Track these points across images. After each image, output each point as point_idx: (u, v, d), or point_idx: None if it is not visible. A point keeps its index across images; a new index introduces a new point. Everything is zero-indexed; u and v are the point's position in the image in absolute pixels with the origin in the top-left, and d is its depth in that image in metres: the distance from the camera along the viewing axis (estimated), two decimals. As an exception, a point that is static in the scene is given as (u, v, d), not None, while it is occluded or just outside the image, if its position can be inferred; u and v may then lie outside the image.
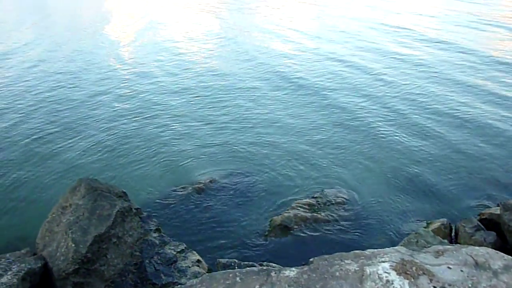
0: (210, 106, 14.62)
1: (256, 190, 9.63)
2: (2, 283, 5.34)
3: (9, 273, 5.52)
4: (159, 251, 6.66)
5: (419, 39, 23.51)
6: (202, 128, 12.86)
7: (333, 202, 8.97)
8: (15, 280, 5.40)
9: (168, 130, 12.74)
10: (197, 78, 17.84)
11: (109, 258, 6.13)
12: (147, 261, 6.40)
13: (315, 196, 9.25)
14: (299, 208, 8.68)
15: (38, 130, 13.10)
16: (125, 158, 11.19)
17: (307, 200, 9.04)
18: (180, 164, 10.81)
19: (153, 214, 8.13)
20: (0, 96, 16.60)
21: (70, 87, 17.33)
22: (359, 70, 18.27)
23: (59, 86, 17.56)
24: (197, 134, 12.47)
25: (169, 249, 6.73)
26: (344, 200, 9.09)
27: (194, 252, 6.80)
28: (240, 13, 34.55)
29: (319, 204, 8.90)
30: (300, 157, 10.97)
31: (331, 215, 8.57)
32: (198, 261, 6.61)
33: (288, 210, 8.63)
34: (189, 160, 10.99)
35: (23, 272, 5.60)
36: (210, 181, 9.77)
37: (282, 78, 17.37)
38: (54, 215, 6.50)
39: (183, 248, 6.79)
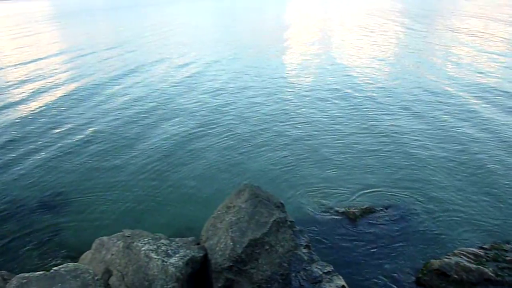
0: (382, 129, 14.32)
1: (415, 226, 8.98)
2: (170, 262, 6.10)
3: (177, 255, 6.28)
4: (306, 267, 6.73)
5: None
6: (369, 153, 12.63)
7: (506, 259, 7.77)
8: (180, 263, 6.12)
9: (334, 152, 12.85)
10: (366, 98, 17.70)
11: (260, 263, 6.46)
12: (293, 274, 6.54)
13: (483, 247, 8.16)
14: (462, 256, 7.77)
15: (210, 135, 14.68)
16: (287, 169, 11.71)
17: (474, 249, 8.03)
18: (339, 185, 10.80)
19: (305, 229, 8.27)
20: (180, 103, 19.14)
21: (246, 100, 18.97)
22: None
23: (236, 97, 19.41)
24: (363, 159, 12.27)
25: (316, 267, 6.75)
26: (521, 258, 7.80)
27: (340, 276, 6.67)
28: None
29: (488, 257, 7.82)
30: (470, 201, 9.84)
31: (502, 274, 7.43)
32: (343, 286, 6.46)
33: (449, 255, 7.81)
34: (349, 183, 10.89)
35: (187, 258, 6.30)
36: (366, 208, 9.50)
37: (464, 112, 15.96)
38: (219, 213, 7.16)
39: (330, 270, 6.73)
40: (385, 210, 9.54)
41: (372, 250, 8.27)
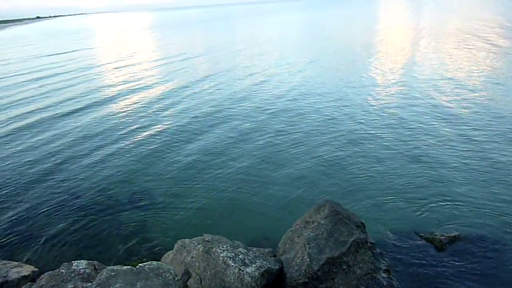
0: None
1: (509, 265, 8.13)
2: (246, 272, 6.16)
3: (253, 265, 6.33)
4: (385, 294, 6.42)
5: None
6: (465, 174, 11.77)
7: None
8: (256, 274, 6.15)
9: (423, 172, 12.08)
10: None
11: (336, 283, 6.29)
12: (370, 299, 6.27)
13: None
14: None
15: (294, 147, 14.67)
16: (369, 187, 11.31)
17: None
18: (426, 208, 10.12)
19: (386, 253, 7.89)
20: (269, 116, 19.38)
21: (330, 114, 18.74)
22: None
23: (321, 109, 19.26)
24: (457, 180, 11.43)
25: (395, 295, 6.41)
26: None
27: (422, 308, 6.27)
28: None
29: None
30: None
31: None
32: (425, 319, 6.06)
33: (550, 300, 6.98)
34: (437, 206, 10.18)
35: (263, 269, 6.32)
36: (455, 236, 8.78)
37: None
38: (297, 227, 7.11)
39: (411, 299, 6.36)
40: (478, 240, 8.75)
41: (458, 284, 7.64)
